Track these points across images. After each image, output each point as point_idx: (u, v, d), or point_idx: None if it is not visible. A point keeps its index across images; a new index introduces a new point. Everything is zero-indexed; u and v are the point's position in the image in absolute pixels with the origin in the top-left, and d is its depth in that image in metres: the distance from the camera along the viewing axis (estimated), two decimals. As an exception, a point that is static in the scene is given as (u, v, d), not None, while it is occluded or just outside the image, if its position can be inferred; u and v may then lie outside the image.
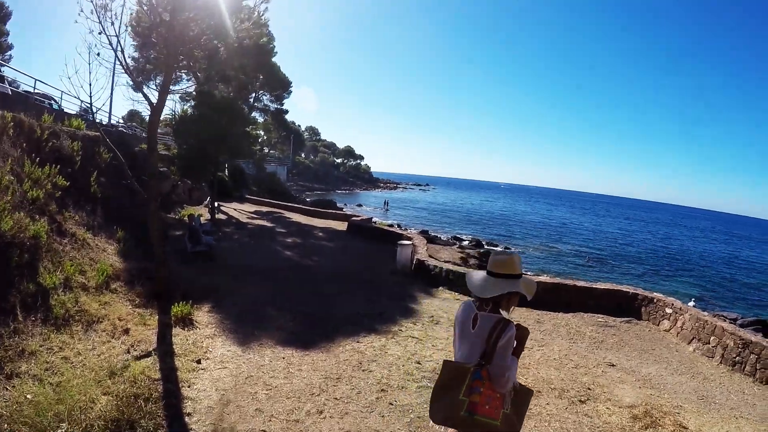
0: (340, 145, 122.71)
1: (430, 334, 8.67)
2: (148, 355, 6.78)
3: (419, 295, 11.87)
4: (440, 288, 12.74)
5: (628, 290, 12.47)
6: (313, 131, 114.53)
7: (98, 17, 8.28)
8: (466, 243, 37.79)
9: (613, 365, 8.46)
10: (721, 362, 9.60)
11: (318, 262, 15.17)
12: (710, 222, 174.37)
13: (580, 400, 6.53)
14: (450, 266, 13.43)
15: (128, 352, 6.76)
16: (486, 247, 37.66)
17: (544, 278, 12.80)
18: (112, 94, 27.16)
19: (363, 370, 6.84)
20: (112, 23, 8.44)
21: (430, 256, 14.91)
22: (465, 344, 2.69)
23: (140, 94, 10.04)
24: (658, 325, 11.66)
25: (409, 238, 17.49)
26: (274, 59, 35.35)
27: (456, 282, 12.66)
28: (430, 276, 13.15)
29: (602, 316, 11.79)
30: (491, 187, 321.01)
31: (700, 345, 10.24)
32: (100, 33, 8.42)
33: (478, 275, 2.80)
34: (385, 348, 7.72)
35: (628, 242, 62.14)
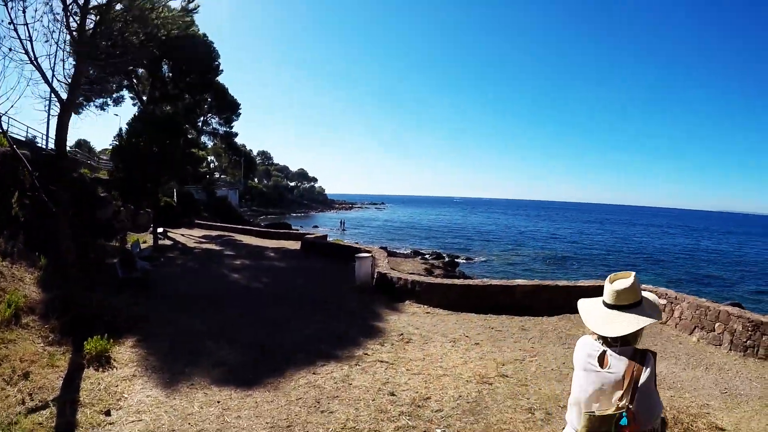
0: (293, 168, 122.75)
1: (402, 356, 7.42)
2: (45, 406, 5.28)
3: (384, 311, 10.65)
4: (407, 302, 11.60)
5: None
6: (265, 155, 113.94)
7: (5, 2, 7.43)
8: (427, 256, 37.01)
9: (615, 367, 7.43)
10: (730, 349, 8.88)
11: (268, 285, 13.73)
12: (666, 218, 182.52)
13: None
14: (415, 277, 12.31)
15: (23, 403, 5.25)
16: (447, 258, 36.92)
17: (520, 282, 11.84)
18: (48, 117, 25.66)
19: (321, 412, 5.46)
20: (24, 11, 7.68)
21: (393, 269, 13.75)
22: (594, 384, 2.29)
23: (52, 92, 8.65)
24: (652, 318, 10.84)
25: (368, 251, 16.29)
26: (221, 80, 35.57)
27: (423, 294, 11.55)
28: (394, 290, 12.02)
29: (560, 317, 10.91)
30: (445, 201, 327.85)
31: (704, 333, 9.47)
32: (10, 23, 7.65)
33: (594, 308, 2.50)
34: (348, 378, 6.39)
35: (589, 243, 64.45)
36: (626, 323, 2.30)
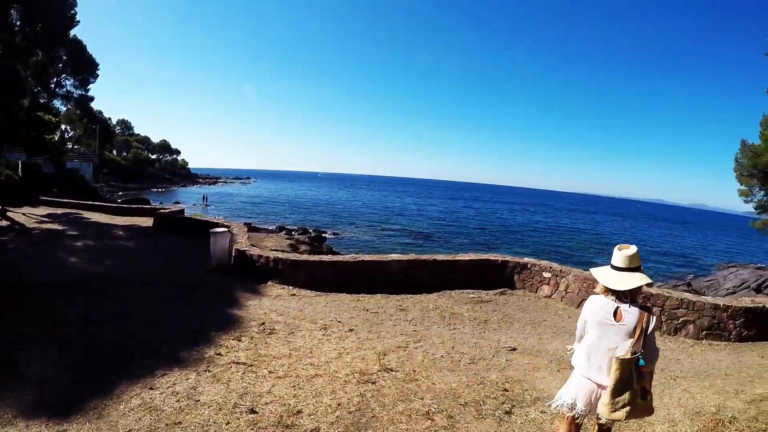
0: (155, 139, 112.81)
1: (264, 353, 5.88)
2: None
3: (243, 295, 9.01)
4: (269, 283, 10.08)
5: (496, 258, 11.27)
6: (125, 125, 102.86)
7: None
8: (293, 232, 35.43)
9: (514, 349, 6.83)
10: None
11: (112, 269, 11.15)
12: (527, 197, 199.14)
13: (506, 411, 4.56)
14: (278, 254, 10.84)
15: None
16: (313, 233, 35.73)
17: (395, 256, 10.96)
18: None
19: (154, 454, 3.88)
20: None
21: (253, 246, 12.13)
22: (608, 335, 2.95)
23: None
24: (536, 292, 10.63)
25: (226, 226, 14.42)
26: (77, 33, 31.85)
27: (288, 273, 10.12)
28: (254, 269, 10.52)
29: (473, 290, 10.39)
30: (310, 177, 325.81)
31: None
32: None
33: (607, 271, 3.10)
34: (195, 392, 4.63)
35: (455, 219, 67.63)
36: (637, 279, 2.95)
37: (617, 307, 2.96)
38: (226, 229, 12.22)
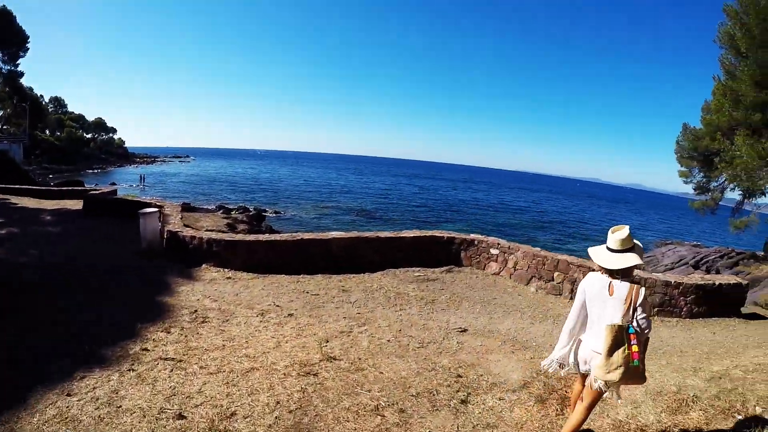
0: (91, 117, 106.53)
1: (195, 345, 5.29)
2: None
3: (175, 280, 8.30)
4: (204, 266, 9.40)
5: (441, 235, 11.01)
6: (59, 102, 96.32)
7: None
8: (233, 211, 34.23)
9: (464, 330, 6.59)
10: (571, 298, 8.73)
11: (36, 258, 10.05)
12: (469, 174, 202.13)
13: (462, 401, 4.25)
14: (213, 235, 10.14)
15: None
16: (253, 212, 34.69)
17: (336, 234, 10.51)
18: None
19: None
20: None
21: (187, 226, 11.34)
22: (604, 307, 3.26)
23: None
24: (484, 269, 10.48)
25: (159, 206, 13.48)
26: (5, 4, 30.37)
27: (224, 254, 9.47)
28: (187, 252, 9.88)
29: (419, 269, 10.13)
30: (249, 154, 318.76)
31: (542, 284, 9.26)
32: None
33: (603, 252, 3.42)
34: (117, 396, 3.99)
35: (399, 196, 68.21)
36: (629, 259, 3.29)
37: (610, 282, 3.28)
38: (157, 210, 11.37)
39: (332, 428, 3.64)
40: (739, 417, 3.95)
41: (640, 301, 3.17)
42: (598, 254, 3.43)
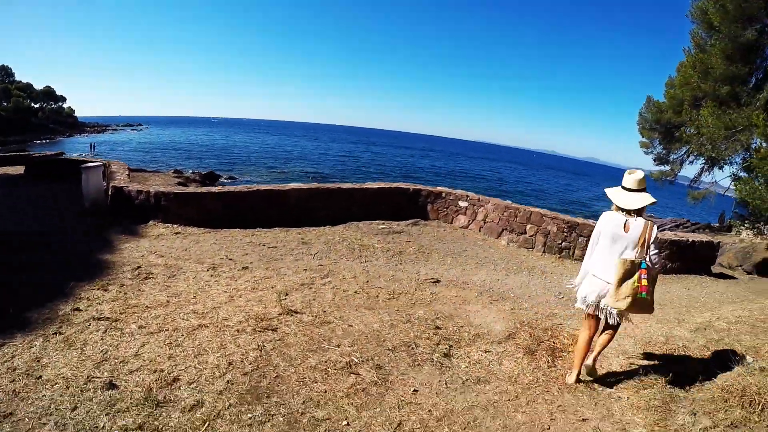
0: (39, 86, 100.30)
1: (135, 303, 4.50)
2: None
3: (118, 238, 7.37)
4: (151, 222, 8.51)
5: (407, 187, 10.46)
6: (5, 71, 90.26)
7: None
8: (184, 172, 32.87)
9: (437, 281, 6.10)
10: (544, 251, 8.50)
11: None
12: (427, 143, 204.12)
13: (444, 354, 3.75)
14: (160, 188, 9.19)
15: None
16: (205, 172, 33.36)
17: (294, 185, 9.79)
18: None
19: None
20: None
21: (134, 183, 10.38)
22: (619, 245, 3.51)
23: None
24: (452, 222, 10.02)
25: (103, 163, 12.34)
26: None
27: (173, 209, 8.61)
28: (134, 208, 8.90)
29: (383, 221, 9.58)
30: (204, 122, 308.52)
31: (513, 236, 8.87)
32: None
33: (619, 192, 3.66)
34: (38, 365, 3.14)
35: (357, 162, 67.21)
36: (645, 198, 3.53)
37: (626, 221, 3.50)
38: (101, 164, 10.34)
39: (297, 391, 3.06)
40: (732, 365, 3.74)
41: (652, 238, 3.42)
42: (617, 195, 3.66)
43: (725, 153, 13.64)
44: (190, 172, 34.88)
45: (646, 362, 3.97)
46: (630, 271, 3.37)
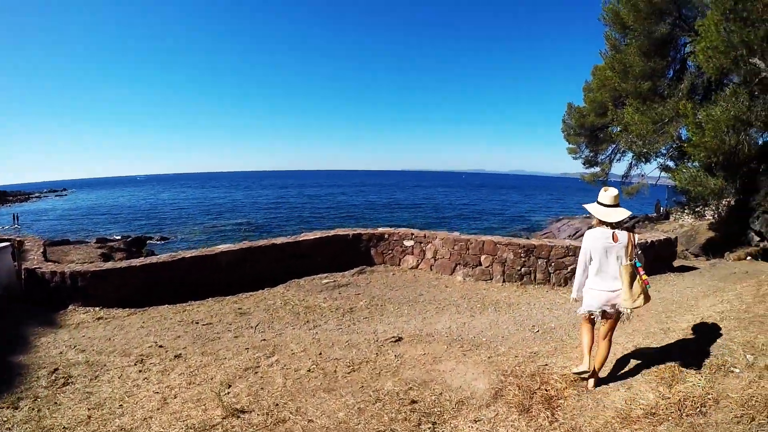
0: None
1: (51, 422, 3.46)
2: None
3: (34, 331, 6.28)
4: (70, 307, 7.41)
5: (346, 233, 9.88)
6: None
7: None
8: (113, 244, 30.92)
9: (399, 339, 5.53)
10: (504, 281, 8.11)
11: None
12: (360, 178, 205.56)
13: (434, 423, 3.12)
14: (77, 267, 8.10)
15: None
16: (131, 238, 31.52)
17: (223, 247, 8.96)
18: None
19: None
20: None
21: (51, 261, 9.22)
22: (612, 253, 3.96)
23: None
24: (399, 264, 9.50)
25: (10, 241, 10.95)
26: None
27: (92, 290, 7.58)
28: (50, 292, 7.82)
29: (326, 274, 8.92)
30: (129, 181, 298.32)
31: (468, 270, 8.44)
32: None
33: (598, 208, 4.15)
34: None
35: (290, 206, 66.57)
36: (623, 212, 4.03)
37: (613, 232, 3.96)
38: (8, 244, 9.13)
39: None
40: (736, 369, 3.74)
41: (636, 242, 3.96)
42: (599, 211, 4.14)
43: (656, 146, 14.09)
44: (116, 239, 33.11)
45: (650, 392, 3.65)
46: (633, 272, 3.89)
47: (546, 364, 4.46)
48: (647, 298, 3.86)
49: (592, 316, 4.05)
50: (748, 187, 14.25)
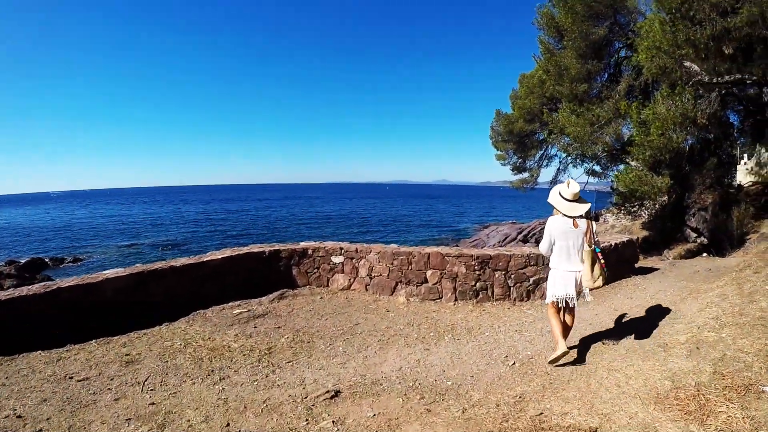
0: None
1: None
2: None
3: None
4: None
5: (261, 249, 8.37)
6: None
7: None
8: (7, 269, 27.61)
9: (336, 393, 4.17)
10: (456, 299, 7.00)
11: None
12: (284, 191, 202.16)
13: None
14: None
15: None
16: (23, 262, 28.51)
17: (110, 273, 7.14)
18: None
19: None
20: None
21: None
22: (571, 238, 4.48)
23: None
24: (328, 285, 8.12)
25: None
26: None
27: None
28: None
29: (239, 302, 7.39)
30: (41, 198, 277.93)
31: (412, 289, 7.21)
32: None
33: (562, 202, 4.56)
34: None
35: (214, 221, 65.07)
36: (585, 206, 4.52)
37: (573, 220, 4.49)
38: None
39: None
40: (766, 387, 3.14)
41: (594, 229, 4.53)
42: (562, 204, 4.56)
43: (595, 147, 14.03)
44: (3, 264, 29.94)
45: (671, 428, 2.84)
46: (593, 257, 4.37)
47: (541, 413, 3.40)
48: (605, 281, 4.46)
49: (558, 305, 4.58)
50: (684, 184, 14.89)
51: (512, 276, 6.91)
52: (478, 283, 6.86)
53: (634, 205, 13.78)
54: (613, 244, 8.27)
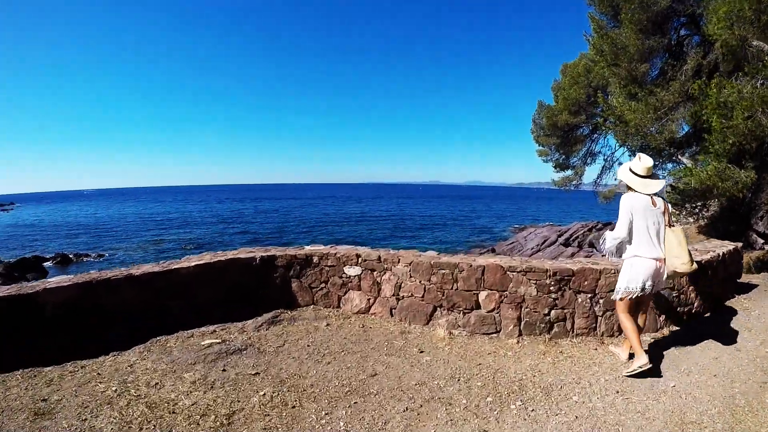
0: None
1: None
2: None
3: None
4: None
5: (251, 255, 6.43)
6: None
7: None
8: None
9: None
10: (521, 335, 5.14)
11: None
12: (316, 191, 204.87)
13: None
14: None
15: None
16: (14, 261, 28.42)
17: (53, 282, 5.16)
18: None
19: None
20: None
21: None
22: (650, 217, 4.12)
23: None
24: (339, 305, 6.12)
25: None
26: None
27: None
28: None
29: (214, 327, 5.50)
30: (76, 195, 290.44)
31: (457, 317, 5.24)
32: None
33: (638, 180, 4.20)
34: None
35: (242, 219, 65.95)
36: (659, 183, 4.20)
37: (651, 197, 4.16)
38: None
39: None
40: None
41: (670, 209, 4.24)
42: (637, 182, 4.20)
43: (659, 137, 12.21)
44: (55, 257, 32.25)
45: None
46: (682, 237, 4.12)
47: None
48: (694, 264, 4.10)
49: (631, 298, 4.09)
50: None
51: (600, 300, 4.97)
52: (552, 311, 4.86)
53: (697, 205, 12.02)
54: (720, 254, 6.30)
